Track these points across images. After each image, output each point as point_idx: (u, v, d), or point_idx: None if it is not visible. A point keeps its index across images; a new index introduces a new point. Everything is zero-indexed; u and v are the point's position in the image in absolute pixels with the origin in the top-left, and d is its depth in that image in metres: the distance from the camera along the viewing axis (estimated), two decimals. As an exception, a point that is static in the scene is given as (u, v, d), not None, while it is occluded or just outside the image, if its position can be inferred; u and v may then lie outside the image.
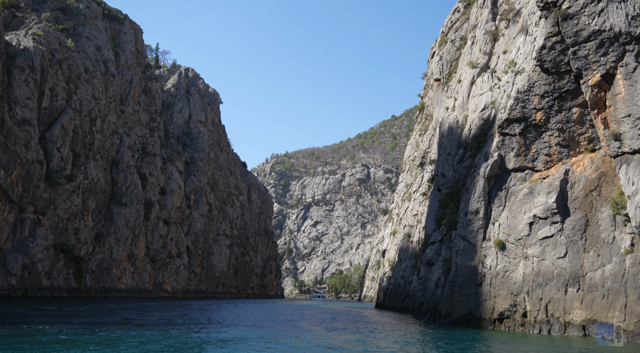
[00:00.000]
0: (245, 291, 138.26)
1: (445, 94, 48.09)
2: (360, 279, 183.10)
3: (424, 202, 47.37)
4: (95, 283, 74.93)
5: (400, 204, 57.51)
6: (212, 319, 32.43)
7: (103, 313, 34.55)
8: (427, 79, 58.57)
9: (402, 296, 48.85)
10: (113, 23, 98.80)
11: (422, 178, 49.51)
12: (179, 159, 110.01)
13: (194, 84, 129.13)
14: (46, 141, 68.92)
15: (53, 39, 74.06)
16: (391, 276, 52.09)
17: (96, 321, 28.01)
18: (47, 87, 69.80)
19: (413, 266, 45.61)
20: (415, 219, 49.25)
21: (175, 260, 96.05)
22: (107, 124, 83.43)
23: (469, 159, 35.41)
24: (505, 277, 28.64)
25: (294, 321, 33.16)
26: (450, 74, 47.78)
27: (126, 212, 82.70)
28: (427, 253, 34.68)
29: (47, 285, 64.61)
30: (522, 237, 28.73)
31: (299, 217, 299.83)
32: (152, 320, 30.21)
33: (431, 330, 28.91)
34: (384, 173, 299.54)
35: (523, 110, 29.58)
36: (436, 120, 49.57)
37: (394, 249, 53.31)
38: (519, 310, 27.80)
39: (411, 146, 57.84)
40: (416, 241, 47.28)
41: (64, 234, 69.50)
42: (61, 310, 36.77)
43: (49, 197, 66.78)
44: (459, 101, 38.82)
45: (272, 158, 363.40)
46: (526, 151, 30.26)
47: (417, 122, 58.46)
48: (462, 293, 31.12)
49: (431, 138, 49.75)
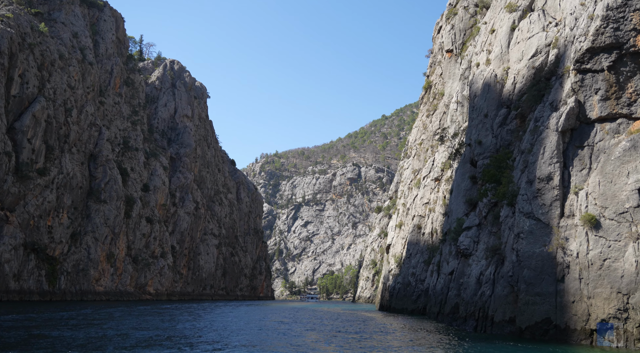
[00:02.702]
0: (234, 292, 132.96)
1: (459, 65, 43.70)
2: (354, 279, 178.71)
3: (436, 188, 42.48)
4: (71, 285, 69.41)
5: (407, 193, 52.36)
6: (188, 334, 23.74)
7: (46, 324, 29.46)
8: (434, 56, 54.16)
9: (413, 297, 42.96)
10: (92, 10, 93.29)
11: (432, 161, 44.55)
12: (163, 155, 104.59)
13: (179, 77, 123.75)
14: (15, 131, 63.40)
15: (24, 22, 68.54)
16: (398, 274, 46.31)
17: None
18: (16, 73, 64.29)
19: (426, 262, 40.91)
20: (427, 208, 44.19)
21: (159, 261, 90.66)
22: (84, 115, 77.94)
23: (515, 121, 28.67)
24: (605, 268, 20.88)
25: (297, 333, 25.59)
26: (465, 43, 43.22)
27: (105, 209, 77.27)
28: (461, 241, 27.50)
29: (16, 288, 59.07)
30: (628, 210, 20.92)
31: (289, 217, 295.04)
32: (99, 332, 22.69)
33: (499, 346, 20.59)
34: (375, 172, 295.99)
35: (615, 34, 22.05)
36: (449, 94, 45.03)
37: (401, 243, 48.19)
38: (634, 317, 19.67)
39: (417, 129, 53.07)
40: (428, 233, 42.20)
41: (35, 232, 63.96)
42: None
43: (18, 192, 61.25)
44: (495, 53, 32.40)
45: (262, 158, 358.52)
46: (619, 92, 22.75)
47: (423, 104, 53.92)
48: (531, 291, 22.97)
49: (442, 116, 44.93)
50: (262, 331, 26.83)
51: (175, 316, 37.56)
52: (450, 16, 47.88)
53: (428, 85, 53.10)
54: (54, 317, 32.23)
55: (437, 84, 49.91)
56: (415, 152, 50.74)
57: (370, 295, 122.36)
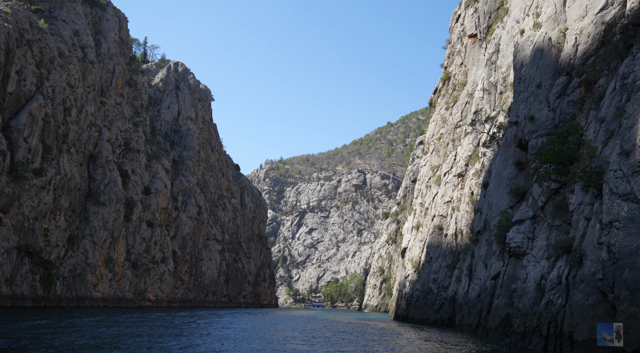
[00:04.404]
0: (237, 300, 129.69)
1: (484, 50, 40.61)
2: (360, 287, 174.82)
3: (459, 185, 39.15)
4: (67, 291, 66.55)
5: (424, 192, 48.62)
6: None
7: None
8: (452, 47, 51.15)
9: (435, 306, 38.72)
10: (95, 9, 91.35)
11: (454, 156, 41.14)
12: (165, 157, 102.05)
13: (183, 79, 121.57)
14: (11, 129, 61.00)
15: (23, 18, 66.43)
16: (417, 280, 42.21)
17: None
18: (13, 69, 62.02)
19: (449, 266, 37.38)
20: (449, 207, 40.43)
21: (159, 266, 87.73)
22: (84, 115, 75.53)
23: (578, 90, 24.20)
24: None
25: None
26: (490, 26, 40.13)
27: (104, 212, 74.56)
28: (510, 238, 22.66)
29: (8, 293, 56.28)
30: None
31: (293, 224, 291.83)
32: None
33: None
34: (380, 179, 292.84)
35: None
36: (473, 82, 41.95)
37: (419, 246, 44.54)
38: None
39: (434, 123, 49.74)
40: (452, 234, 38.40)
41: (30, 235, 61.27)
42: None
43: (12, 192, 58.68)
44: (547, 14, 27.83)
45: (267, 164, 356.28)
46: None
47: (441, 96, 50.75)
48: (639, 300, 16.68)
49: (464, 107, 41.61)
50: (274, 345, 21.50)
51: (170, 329, 34.36)
52: (470, 2, 44.98)
53: (446, 76, 50.06)
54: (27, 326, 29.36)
55: (456, 74, 46.86)
56: (434, 147, 47.21)
57: (378, 304, 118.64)
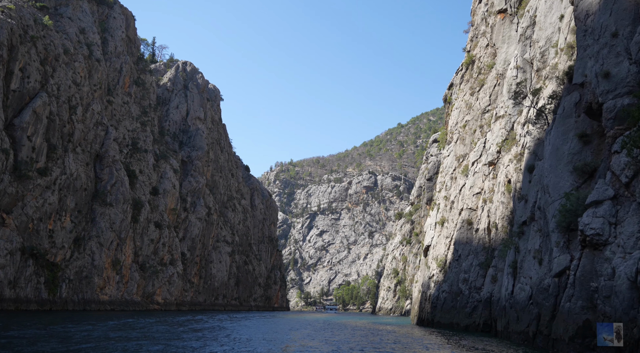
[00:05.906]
0: (247, 303, 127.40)
1: (515, 26, 37.81)
2: (373, 289, 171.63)
3: (490, 174, 36.24)
4: (73, 293, 64.69)
5: (449, 185, 45.32)
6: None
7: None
8: (475, 29, 48.27)
9: (467, 309, 35.50)
10: (101, 7, 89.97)
11: (483, 143, 38.04)
12: (174, 157, 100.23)
13: (192, 79, 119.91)
14: (14, 127, 59.40)
15: (27, 14, 64.94)
16: (443, 281, 38.63)
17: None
18: (16, 66, 60.45)
19: (482, 264, 34.59)
20: (480, 199, 37.58)
21: (168, 268, 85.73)
22: (90, 114, 73.86)
23: None
24: None
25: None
26: (522, 0, 37.45)
27: (111, 213, 72.72)
28: (585, 224, 18.36)
29: (11, 296, 54.45)
30: None
31: (304, 226, 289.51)
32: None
33: None
34: (391, 181, 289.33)
35: None
36: (504, 61, 39.00)
37: (444, 243, 41.41)
38: None
39: (458, 110, 46.71)
40: (484, 229, 35.76)
41: (34, 236, 59.51)
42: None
43: (16, 192, 56.97)
44: None
45: (277, 166, 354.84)
46: None
47: (465, 82, 47.87)
48: None
49: (492, 90, 38.63)
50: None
51: (174, 338, 31.98)
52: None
53: (470, 60, 47.13)
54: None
55: (482, 57, 43.88)
56: (459, 136, 44.17)
57: (393, 306, 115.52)
